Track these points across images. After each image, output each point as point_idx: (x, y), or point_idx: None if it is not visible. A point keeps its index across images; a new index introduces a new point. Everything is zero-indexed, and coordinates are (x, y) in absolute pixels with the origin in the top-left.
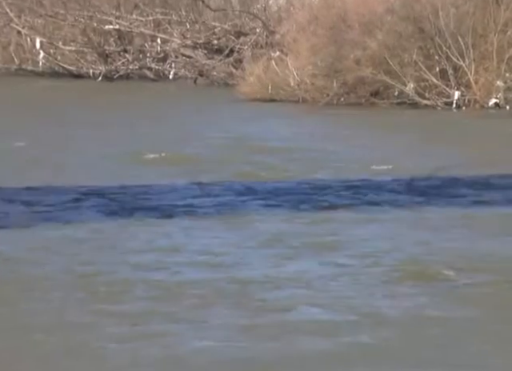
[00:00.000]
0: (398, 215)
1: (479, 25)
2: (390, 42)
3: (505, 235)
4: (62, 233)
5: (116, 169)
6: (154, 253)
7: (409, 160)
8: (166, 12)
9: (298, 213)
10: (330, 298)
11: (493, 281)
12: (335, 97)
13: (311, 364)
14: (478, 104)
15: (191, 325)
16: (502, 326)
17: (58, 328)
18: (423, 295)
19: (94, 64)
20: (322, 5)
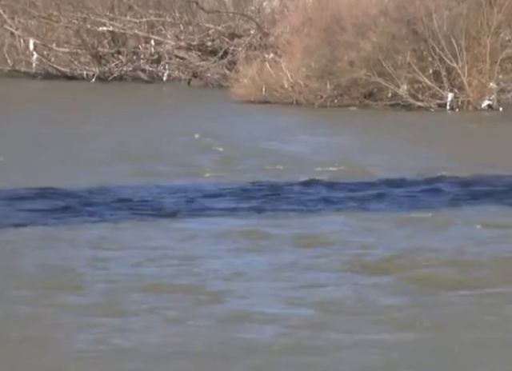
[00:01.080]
0: (361, 211)
1: (472, 27)
2: (384, 44)
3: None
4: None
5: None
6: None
7: (376, 158)
8: (160, 14)
9: (260, 211)
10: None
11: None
12: (329, 99)
13: (261, 353)
14: (472, 106)
15: (140, 317)
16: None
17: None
18: (371, 285)
19: (87, 65)
20: (315, 7)
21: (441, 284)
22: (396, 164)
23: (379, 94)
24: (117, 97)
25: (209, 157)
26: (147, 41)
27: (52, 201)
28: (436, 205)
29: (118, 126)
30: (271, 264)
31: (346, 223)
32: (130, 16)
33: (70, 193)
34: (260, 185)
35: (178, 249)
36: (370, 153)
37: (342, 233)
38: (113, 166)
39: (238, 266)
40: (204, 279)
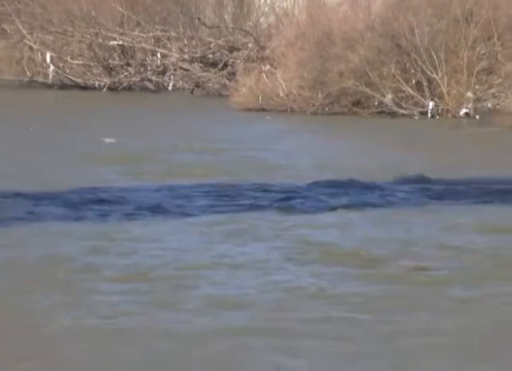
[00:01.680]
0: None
1: (451, 41)
2: (370, 57)
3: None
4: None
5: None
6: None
7: (363, 162)
8: (166, 29)
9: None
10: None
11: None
12: (320, 106)
13: (237, 336)
14: (451, 113)
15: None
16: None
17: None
18: (340, 274)
19: (99, 76)
20: (308, 23)
21: (395, 273)
22: (376, 166)
23: (366, 103)
24: (125, 105)
25: (201, 159)
26: (154, 54)
27: (55, 198)
28: (405, 203)
29: (123, 131)
30: (247, 255)
31: (319, 219)
32: (138, 31)
33: (74, 191)
34: (243, 185)
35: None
36: (351, 156)
37: (314, 228)
38: (111, 167)
39: (218, 257)
40: (186, 268)
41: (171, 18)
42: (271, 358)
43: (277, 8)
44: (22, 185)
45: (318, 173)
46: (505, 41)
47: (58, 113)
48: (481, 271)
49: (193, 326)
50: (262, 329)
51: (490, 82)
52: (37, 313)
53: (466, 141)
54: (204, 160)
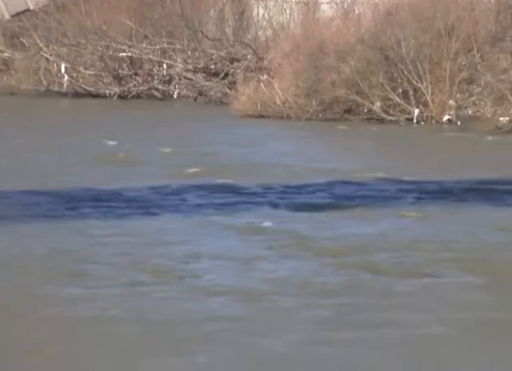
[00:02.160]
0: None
1: (434, 53)
2: (361, 68)
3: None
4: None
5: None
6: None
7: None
8: (171, 41)
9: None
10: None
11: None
12: (314, 113)
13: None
14: (434, 120)
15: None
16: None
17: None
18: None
19: (109, 85)
20: (302, 36)
21: (369, 264)
22: (360, 167)
23: (357, 110)
24: (134, 111)
25: (195, 160)
26: (160, 65)
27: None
28: (383, 200)
29: (129, 135)
30: (227, 247)
31: (294, 215)
32: (145, 43)
33: (75, 189)
34: (230, 184)
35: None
36: (339, 158)
37: (290, 223)
38: (111, 167)
39: (201, 249)
40: (172, 259)
41: (176, 32)
42: (247, 340)
43: (274, 22)
44: (31, 183)
45: (304, 173)
46: (484, 54)
47: (70, 118)
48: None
49: (178, 310)
50: (240, 314)
51: (471, 91)
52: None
53: (447, 144)
54: (197, 161)
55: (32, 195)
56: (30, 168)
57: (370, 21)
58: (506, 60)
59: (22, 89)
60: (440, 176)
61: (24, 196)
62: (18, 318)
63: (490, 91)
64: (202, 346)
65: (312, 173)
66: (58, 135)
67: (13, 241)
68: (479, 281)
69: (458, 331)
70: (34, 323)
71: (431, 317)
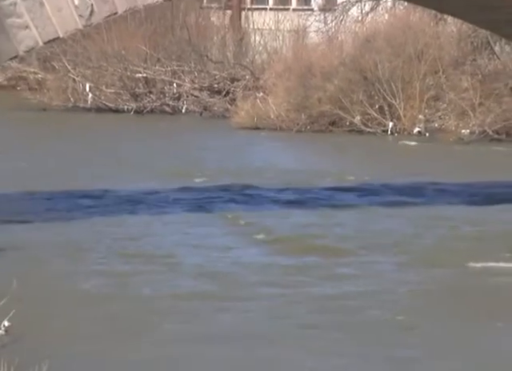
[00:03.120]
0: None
1: (406, 75)
2: (343, 86)
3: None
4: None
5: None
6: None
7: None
8: (180, 64)
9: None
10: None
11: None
12: (303, 125)
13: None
14: (406, 131)
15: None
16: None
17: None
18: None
19: (127, 102)
20: (293, 59)
21: (318, 249)
22: (331, 170)
23: (340, 123)
24: (148, 124)
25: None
26: (171, 84)
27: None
28: (347, 198)
29: (143, 143)
30: (202, 237)
31: (261, 210)
32: (158, 66)
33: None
34: (216, 185)
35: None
36: (315, 163)
37: (255, 217)
38: (118, 172)
39: (181, 239)
40: (159, 247)
41: (185, 56)
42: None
43: (268, 47)
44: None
45: (286, 176)
46: (448, 75)
47: (93, 130)
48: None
49: (156, 289)
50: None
51: (437, 107)
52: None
53: (416, 152)
54: (193, 164)
55: (71, 197)
56: (59, 170)
57: (351, 47)
58: (467, 81)
59: (52, 106)
60: (394, 177)
61: (64, 198)
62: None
63: (453, 107)
64: (172, 317)
65: (290, 174)
66: (83, 143)
67: (58, 232)
68: (398, 260)
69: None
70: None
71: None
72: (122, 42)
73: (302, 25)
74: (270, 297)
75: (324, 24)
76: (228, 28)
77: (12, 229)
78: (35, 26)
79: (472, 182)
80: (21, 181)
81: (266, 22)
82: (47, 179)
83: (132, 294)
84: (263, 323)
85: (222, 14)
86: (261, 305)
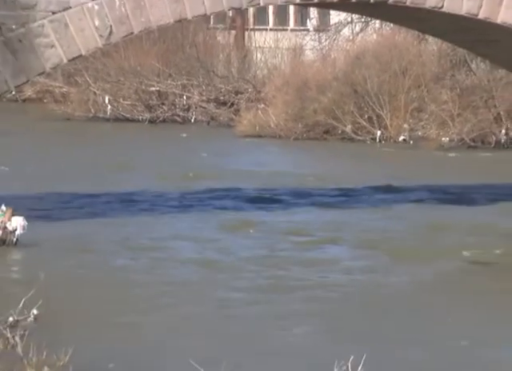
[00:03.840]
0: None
1: (392, 88)
2: (336, 99)
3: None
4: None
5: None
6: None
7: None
8: (189, 78)
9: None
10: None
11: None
12: (300, 134)
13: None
14: (393, 139)
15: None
16: None
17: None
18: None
19: (142, 113)
20: (291, 74)
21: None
22: (313, 173)
23: (333, 131)
24: (161, 132)
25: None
26: (181, 96)
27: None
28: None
29: (154, 149)
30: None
31: (245, 205)
32: (170, 80)
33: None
34: (210, 186)
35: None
36: (310, 167)
37: (242, 212)
38: (124, 176)
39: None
40: (158, 239)
41: (193, 71)
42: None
43: (269, 64)
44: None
45: (278, 178)
46: (430, 89)
47: (110, 138)
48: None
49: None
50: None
51: (420, 117)
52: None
53: (401, 158)
54: (197, 166)
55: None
56: (80, 173)
57: (343, 63)
58: (446, 94)
59: (75, 116)
60: (374, 179)
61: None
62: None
63: (434, 118)
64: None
65: (276, 175)
66: (102, 149)
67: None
68: (366, 253)
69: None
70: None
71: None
72: (138, 59)
73: (299, 43)
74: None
75: (319, 43)
76: (232, 46)
77: (38, 226)
78: (60, 45)
79: (441, 184)
80: (48, 182)
81: (266, 41)
82: (71, 180)
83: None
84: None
85: (227, 34)
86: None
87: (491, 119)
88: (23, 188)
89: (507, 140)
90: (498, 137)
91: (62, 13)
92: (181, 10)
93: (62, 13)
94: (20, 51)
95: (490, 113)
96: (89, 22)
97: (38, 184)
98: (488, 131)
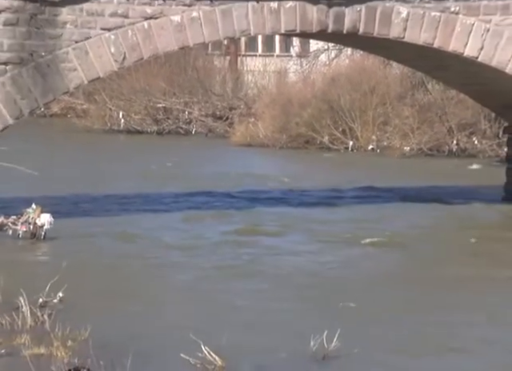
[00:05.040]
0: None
1: (362, 105)
2: (315, 114)
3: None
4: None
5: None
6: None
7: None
8: (191, 97)
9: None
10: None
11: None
12: (284, 144)
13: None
14: (363, 148)
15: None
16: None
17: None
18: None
19: (150, 126)
20: (277, 93)
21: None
22: (298, 177)
23: (313, 142)
24: (168, 143)
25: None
26: (183, 112)
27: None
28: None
29: (162, 158)
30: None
31: (231, 199)
32: (174, 98)
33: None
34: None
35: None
36: (285, 171)
37: (228, 209)
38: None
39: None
40: (145, 229)
41: (194, 90)
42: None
43: (258, 84)
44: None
45: (259, 180)
46: (394, 106)
47: (123, 147)
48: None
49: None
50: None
51: (386, 130)
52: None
53: (369, 164)
54: (191, 171)
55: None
56: (98, 177)
57: (321, 84)
58: (407, 110)
59: (94, 128)
60: (337, 181)
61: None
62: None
63: (397, 130)
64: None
65: (255, 178)
66: (117, 157)
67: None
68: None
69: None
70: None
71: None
72: (147, 80)
73: (284, 67)
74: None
75: (300, 67)
76: (227, 69)
77: (62, 221)
78: (82, 69)
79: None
80: (72, 184)
81: (256, 65)
82: (90, 183)
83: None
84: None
85: (222, 59)
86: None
87: (445, 131)
88: (50, 189)
89: (458, 149)
90: (451, 147)
91: (84, 42)
92: (183, 39)
93: (83, 42)
94: (48, 74)
95: (443, 127)
96: (106, 50)
97: (63, 186)
98: (442, 141)
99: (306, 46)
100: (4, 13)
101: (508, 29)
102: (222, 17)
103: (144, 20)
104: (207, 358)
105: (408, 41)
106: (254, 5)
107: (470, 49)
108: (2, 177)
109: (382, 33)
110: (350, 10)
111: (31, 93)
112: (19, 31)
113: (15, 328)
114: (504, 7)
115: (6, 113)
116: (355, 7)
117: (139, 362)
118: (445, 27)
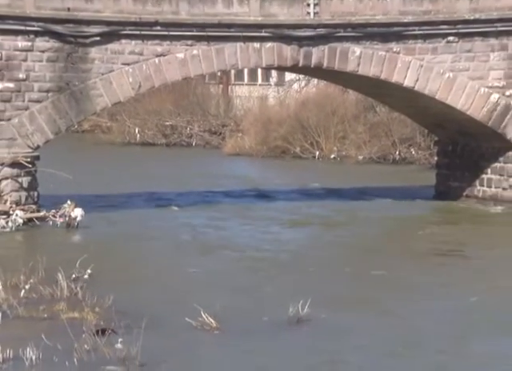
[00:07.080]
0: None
1: (326, 124)
2: (289, 130)
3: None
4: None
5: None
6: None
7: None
8: (192, 116)
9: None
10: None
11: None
12: (265, 153)
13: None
14: (326, 157)
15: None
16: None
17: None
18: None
19: (160, 139)
20: (259, 114)
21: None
22: (262, 177)
23: (287, 152)
24: (174, 153)
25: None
26: (186, 128)
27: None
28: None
29: (169, 165)
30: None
31: (225, 196)
32: (178, 117)
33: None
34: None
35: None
36: (258, 174)
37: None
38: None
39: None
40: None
41: (194, 111)
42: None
43: (245, 106)
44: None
45: (238, 183)
46: (350, 124)
47: (139, 156)
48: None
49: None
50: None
51: (344, 143)
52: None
53: (329, 170)
54: (191, 175)
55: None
56: (120, 180)
57: (294, 106)
58: (361, 127)
59: (116, 142)
60: (297, 182)
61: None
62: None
63: (353, 143)
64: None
65: (236, 180)
66: (134, 164)
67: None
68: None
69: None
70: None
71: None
72: (158, 104)
73: (264, 93)
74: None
75: (278, 93)
76: (220, 95)
77: (91, 215)
78: (106, 95)
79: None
80: (98, 186)
81: (243, 92)
82: (113, 185)
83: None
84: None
85: (217, 87)
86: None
87: (389, 144)
88: (81, 189)
89: (400, 158)
90: (394, 156)
91: (108, 74)
92: (186, 71)
93: (108, 74)
94: (80, 99)
95: (388, 140)
96: (125, 80)
97: (91, 187)
98: (387, 152)
99: (282, 77)
100: (47, 52)
101: (437, 66)
102: (216, 55)
103: (155, 57)
104: (205, 321)
105: (361, 74)
106: (241, 45)
107: (409, 80)
108: (45, 180)
109: (341, 67)
110: (316, 50)
111: (67, 114)
112: (58, 66)
113: (54, 297)
114: (433, 49)
115: (48, 129)
116: (320, 47)
117: (152, 324)
118: (389, 63)
